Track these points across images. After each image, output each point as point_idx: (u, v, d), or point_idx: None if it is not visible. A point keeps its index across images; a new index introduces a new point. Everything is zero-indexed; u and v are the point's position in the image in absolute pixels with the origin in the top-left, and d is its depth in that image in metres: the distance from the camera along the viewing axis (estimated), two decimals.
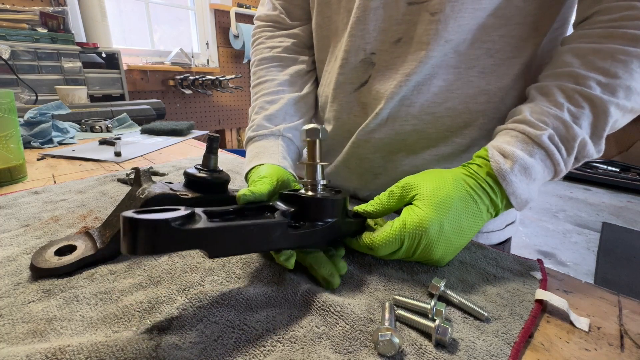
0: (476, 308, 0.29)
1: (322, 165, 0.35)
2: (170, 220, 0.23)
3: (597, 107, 0.34)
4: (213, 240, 0.26)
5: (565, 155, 0.35)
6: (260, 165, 0.44)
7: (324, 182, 0.35)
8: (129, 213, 0.23)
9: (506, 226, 0.55)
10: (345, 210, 0.36)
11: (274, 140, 0.49)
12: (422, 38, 0.42)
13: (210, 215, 0.29)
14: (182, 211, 0.25)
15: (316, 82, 0.60)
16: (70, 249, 0.36)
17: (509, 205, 0.35)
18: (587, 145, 0.35)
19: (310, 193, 0.35)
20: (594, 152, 0.36)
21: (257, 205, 0.34)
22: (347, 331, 0.27)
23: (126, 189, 0.58)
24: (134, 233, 0.23)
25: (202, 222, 0.26)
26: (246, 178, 0.47)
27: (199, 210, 0.28)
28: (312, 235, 0.32)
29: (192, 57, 3.04)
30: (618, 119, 0.35)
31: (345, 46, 0.49)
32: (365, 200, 0.56)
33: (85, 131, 1.11)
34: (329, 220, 0.34)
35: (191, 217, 0.26)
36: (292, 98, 0.54)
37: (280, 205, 0.34)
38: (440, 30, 0.41)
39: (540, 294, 0.32)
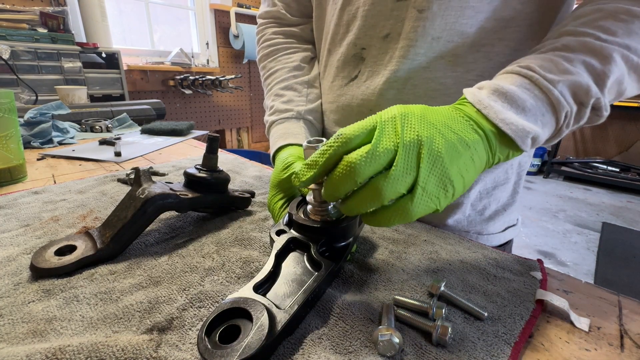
0: (476, 308, 0.29)
1: None
2: (264, 345, 0.23)
3: (596, 51, 0.30)
4: (294, 324, 0.27)
5: (558, 84, 0.29)
6: (286, 145, 0.47)
7: (334, 202, 0.35)
8: (216, 357, 0.22)
9: (506, 228, 0.55)
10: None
11: (296, 122, 0.52)
12: (409, 34, 0.42)
13: (259, 288, 0.29)
14: (262, 321, 0.24)
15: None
16: (70, 249, 0.36)
17: (506, 139, 0.28)
18: (589, 85, 0.29)
19: (320, 218, 0.34)
20: (600, 95, 0.29)
21: (286, 246, 0.34)
22: (347, 331, 0.27)
23: (126, 189, 0.58)
24: None
25: (281, 315, 0.25)
26: (273, 159, 0.49)
27: (259, 299, 0.26)
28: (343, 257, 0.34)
29: (192, 57, 3.03)
30: (624, 74, 0.30)
31: (339, 40, 0.50)
32: None
33: (85, 131, 1.11)
34: (349, 240, 0.34)
35: (273, 321, 0.25)
36: (305, 82, 0.56)
37: (306, 241, 0.33)
38: (427, 28, 0.41)
39: (541, 294, 0.32)
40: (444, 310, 0.28)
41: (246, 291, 0.27)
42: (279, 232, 0.35)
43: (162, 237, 0.41)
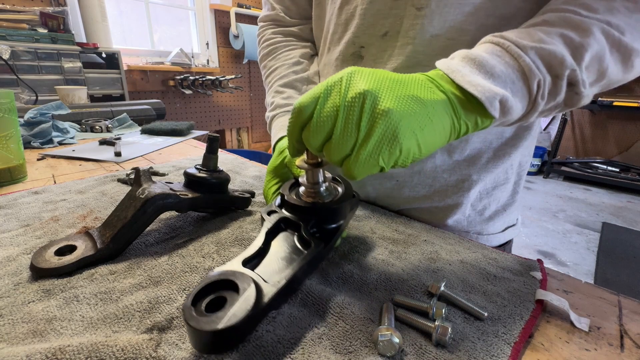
0: (476, 308, 0.29)
1: (323, 168, 0.34)
2: (249, 315, 0.23)
3: (575, 25, 0.29)
4: (280, 299, 0.27)
5: (529, 51, 0.28)
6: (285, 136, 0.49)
7: (327, 184, 0.35)
8: (201, 324, 0.22)
9: (506, 228, 0.55)
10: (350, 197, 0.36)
11: None
12: (408, 32, 0.42)
13: (248, 263, 0.29)
14: (248, 292, 0.24)
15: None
16: (70, 249, 0.36)
17: (473, 104, 0.27)
18: (563, 55, 0.28)
19: (312, 199, 0.34)
20: (575, 67, 0.28)
21: (277, 225, 0.34)
22: (347, 331, 0.27)
23: (126, 189, 0.58)
24: (216, 341, 0.23)
25: (268, 289, 0.26)
26: (274, 148, 0.51)
27: (248, 273, 0.27)
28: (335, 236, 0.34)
29: (192, 57, 3.03)
30: (605, 50, 0.29)
31: (337, 38, 0.50)
32: (366, 200, 0.57)
33: (85, 131, 1.11)
34: (339, 222, 0.35)
35: (260, 293, 0.25)
36: (304, 79, 0.57)
37: (297, 221, 0.34)
38: (425, 25, 0.41)
39: (541, 294, 0.32)
40: (444, 310, 0.28)
41: (235, 264, 0.27)
42: (270, 213, 0.35)
43: (162, 237, 0.41)
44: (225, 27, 3.25)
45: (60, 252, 0.35)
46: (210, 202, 0.46)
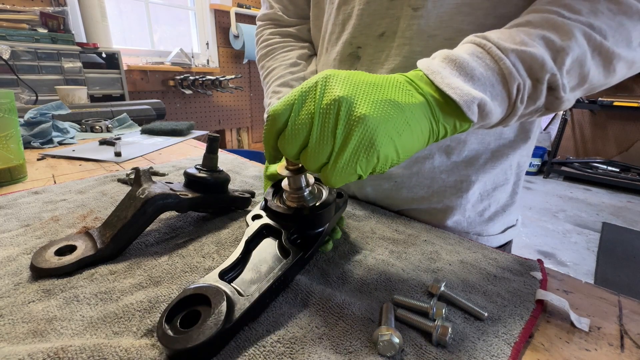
0: (476, 308, 0.29)
1: (305, 173, 0.33)
2: (218, 332, 0.23)
3: (557, 27, 0.29)
4: (255, 311, 0.27)
5: (510, 54, 0.27)
6: None
7: (310, 188, 0.34)
8: (170, 342, 0.22)
9: (506, 229, 0.55)
10: (335, 201, 0.35)
11: None
12: (405, 33, 0.42)
13: (226, 275, 0.29)
14: (219, 308, 0.24)
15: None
16: (70, 249, 0.36)
17: (451, 107, 0.27)
18: (544, 59, 0.27)
19: (296, 204, 0.34)
20: (555, 71, 0.28)
21: (259, 232, 0.34)
22: (347, 331, 0.27)
23: (126, 189, 0.58)
24: (185, 358, 0.23)
25: (242, 303, 0.26)
26: None
27: (223, 286, 0.27)
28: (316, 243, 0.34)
29: (192, 57, 3.03)
30: (586, 54, 0.29)
31: (335, 39, 0.50)
32: (366, 201, 0.57)
33: (85, 131, 1.11)
34: (323, 228, 0.34)
35: (231, 308, 0.25)
36: (301, 79, 0.57)
37: (278, 228, 0.33)
38: (422, 26, 0.41)
39: (541, 294, 0.32)
40: (444, 310, 0.28)
41: (212, 278, 0.27)
42: (255, 217, 0.35)
43: (162, 237, 0.41)
44: (225, 27, 3.25)
45: (60, 252, 0.35)
46: (210, 202, 0.46)
